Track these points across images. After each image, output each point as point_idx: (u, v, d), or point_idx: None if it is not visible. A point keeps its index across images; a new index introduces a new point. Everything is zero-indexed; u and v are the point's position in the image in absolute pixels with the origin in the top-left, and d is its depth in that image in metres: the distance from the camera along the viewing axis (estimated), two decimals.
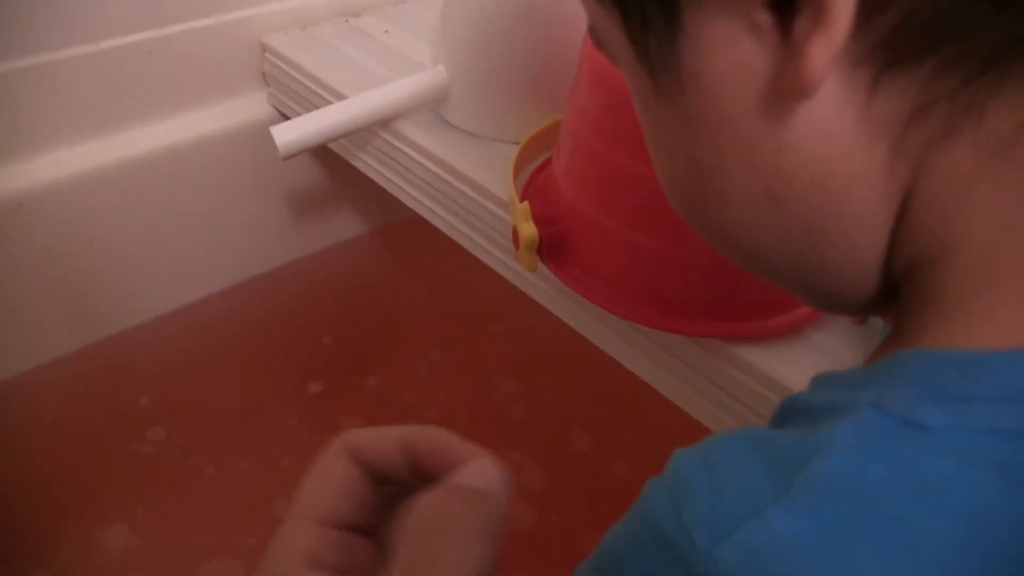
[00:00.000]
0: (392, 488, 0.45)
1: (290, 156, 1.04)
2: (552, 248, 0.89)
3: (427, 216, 1.13)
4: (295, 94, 1.26)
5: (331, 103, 1.14)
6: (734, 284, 0.83)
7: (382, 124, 1.11)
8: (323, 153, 1.33)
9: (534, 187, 1.00)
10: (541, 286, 1.00)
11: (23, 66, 1.09)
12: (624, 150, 0.80)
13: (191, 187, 1.28)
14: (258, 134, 1.08)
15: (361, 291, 1.50)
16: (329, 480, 0.43)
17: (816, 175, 0.42)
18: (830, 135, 0.41)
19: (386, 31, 1.34)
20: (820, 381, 0.44)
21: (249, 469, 1.18)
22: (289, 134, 1.03)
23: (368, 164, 1.19)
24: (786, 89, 0.39)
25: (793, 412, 0.43)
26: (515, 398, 1.31)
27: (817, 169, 0.42)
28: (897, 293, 0.45)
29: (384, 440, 0.44)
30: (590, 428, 1.25)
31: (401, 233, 1.57)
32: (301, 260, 1.49)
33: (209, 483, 1.15)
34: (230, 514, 1.12)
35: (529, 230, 0.87)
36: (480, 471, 0.42)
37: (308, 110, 1.20)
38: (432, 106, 1.12)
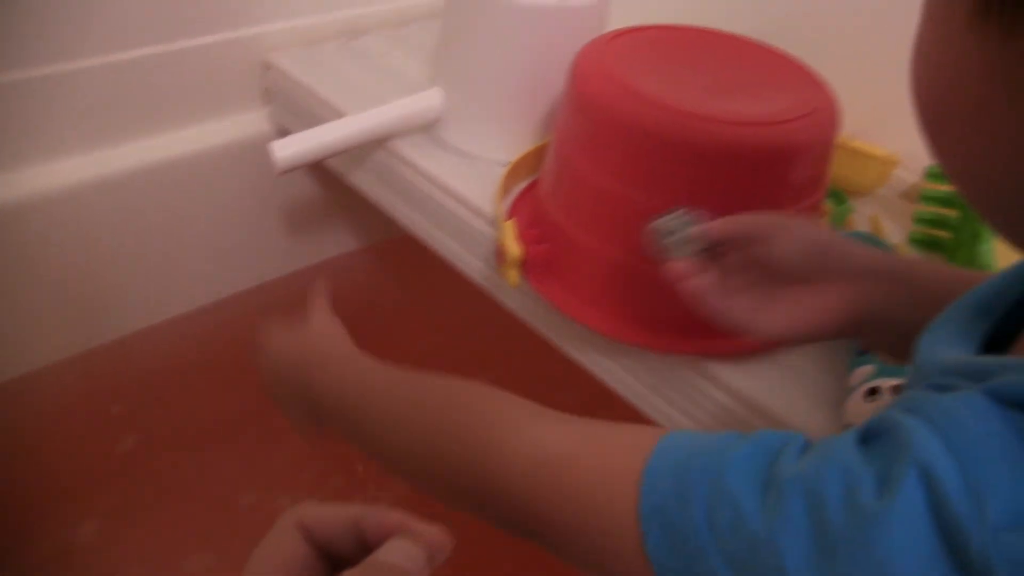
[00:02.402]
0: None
1: (287, 171, 1.08)
2: (536, 265, 0.92)
3: (418, 232, 1.16)
4: (296, 111, 1.30)
5: (331, 120, 1.17)
6: None
7: (378, 142, 1.15)
8: (319, 170, 1.36)
9: (521, 206, 1.03)
10: (526, 302, 1.03)
11: (33, 76, 1.12)
12: (607, 171, 0.84)
13: (190, 200, 1.32)
14: (258, 150, 1.11)
15: (352, 307, 1.51)
16: (278, 555, 0.44)
17: None
18: None
19: (387, 52, 1.38)
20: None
21: (232, 472, 1.20)
22: (287, 149, 1.07)
23: (364, 181, 1.23)
24: None
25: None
26: None
27: None
28: None
29: (335, 520, 0.44)
30: None
31: (392, 251, 1.60)
32: (294, 274, 1.53)
33: (187, 484, 1.18)
34: (206, 511, 1.15)
35: (514, 248, 0.91)
36: (398, 547, 0.43)
37: (309, 127, 1.23)
38: (427, 126, 1.16)
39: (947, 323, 0.48)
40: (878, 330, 0.65)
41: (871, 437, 0.42)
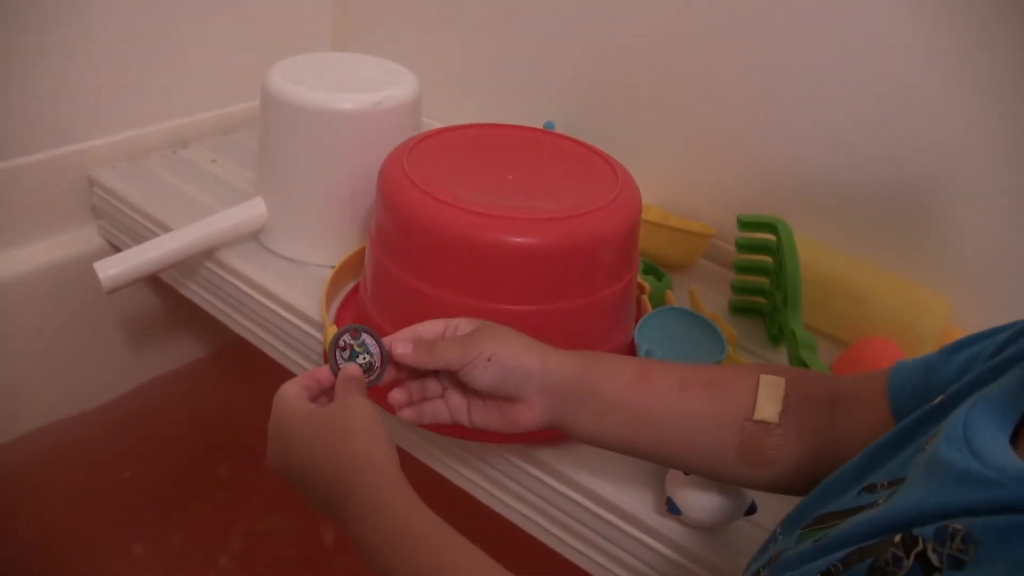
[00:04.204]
0: None
1: (115, 289, 1.07)
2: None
3: (251, 339, 1.16)
4: (124, 226, 1.29)
5: (158, 235, 1.17)
6: None
7: (206, 254, 1.15)
8: (156, 282, 1.35)
9: (347, 309, 1.05)
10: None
11: None
12: (415, 273, 0.86)
13: (20, 322, 1.29)
14: (89, 266, 1.10)
15: (205, 414, 1.51)
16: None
17: None
18: None
19: (213, 160, 1.38)
20: None
21: None
22: (112, 268, 1.06)
23: (195, 292, 1.22)
24: None
25: None
26: None
27: None
28: None
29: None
30: None
31: (238, 355, 1.58)
32: (138, 389, 1.50)
33: None
34: None
35: None
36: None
37: (137, 241, 1.22)
38: (253, 235, 1.17)
39: (989, 402, 0.49)
40: (570, 431, 0.73)
41: None
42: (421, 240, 0.85)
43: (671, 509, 0.83)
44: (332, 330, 0.94)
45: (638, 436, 0.71)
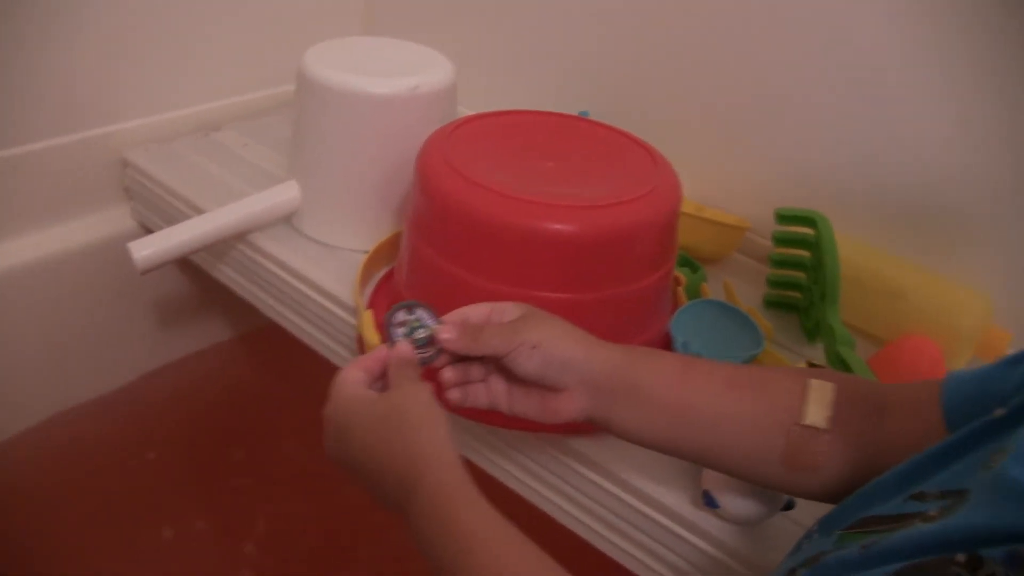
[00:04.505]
0: None
1: (149, 270, 1.07)
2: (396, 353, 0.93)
3: (283, 323, 1.16)
4: (156, 208, 1.29)
5: (190, 216, 1.16)
6: None
7: (238, 236, 1.14)
8: (186, 263, 1.35)
9: (381, 294, 1.04)
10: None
11: None
12: (453, 260, 0.86)
13: (54, 302, 1.29)
14: (122, 247, 1.10)
15: (230, 395, 1.51)
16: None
17: None
18: None
19: (244, 144, 1.38)
20: None
21: None
22: (146, 249, 1.06)
23: (226, 274, 1.22)
24: None
25: None
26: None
27: None
28: None
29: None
30: None
31: (268, 338, 1.58)
32: (165, 369, 1.50)
33: None
34: None
35: (373, 338, 0.91)
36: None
37: (169, 223, 1.21)
38: (286, 218, 1.16)
39: None
40: (609, 425, 0.72)
41: None
42: (460, 226, 0.84)
43: (708, 503, 0.82)
44: (367, 315, 0.94)
45: (679, 435, 0.70)
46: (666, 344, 0.96)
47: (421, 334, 0.71)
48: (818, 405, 0.66)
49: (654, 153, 0.95)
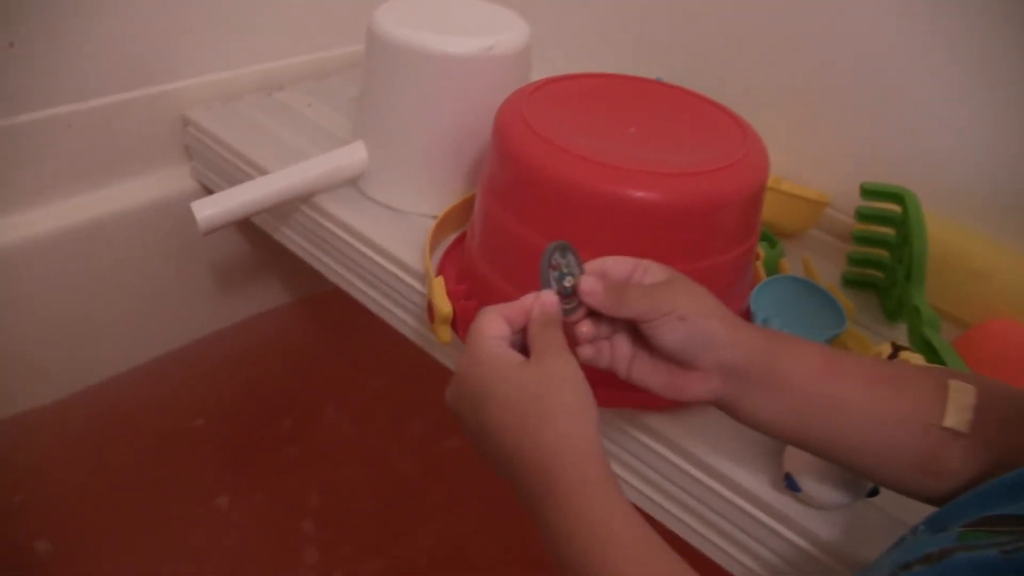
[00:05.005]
0: None
1: (211, 231, 1.05)
2: (466, 322, 0.90)
3: (347, 288, 1.13)
4: (217, 168, 1.27)
5: (253, 177, 1.15)
6: None
7: (302, 199, 1.12)
8: (246, 225, 1.33)
9: (450, 261, 1.01)
10: (458, 356, 1.00)
11: None
12: (530, 225, 0.82)
13: (112, 261, 1.28)
14: (181, 207, 1.08)
15: (287, 360, 1.49)
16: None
17: None
18: None
19: (309, 105, 1.35)
20: None
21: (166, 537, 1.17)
22: (208, 209, 1.04)
23: (289, 237, 1.20)
24: None
25: None
26: (431, 469, 1.32)
27: None
28: None
29: None
30: (494, 498, 1.27)
31: (325, 304, 1.57)
32: (224, 331, 1.49)
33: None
34: None
35: (444, 306, 0.88)
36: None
37: (231, 183, 1.20)
38: (352, 181, 1.13)
39: None
40: (738, 410, 0.67)
41: None
42: (540, 190, 0.81)
43: (789, 485, 0.79)
44: (438, 282, 0.91)
45: (813, 425, 0.65)
46: (745, 320, 0.92)
47: (568, 283, 0.65)
48: (959, 408, 0.62)
49: (740, 121, 0.91)
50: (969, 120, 1.08)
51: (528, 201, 0.83)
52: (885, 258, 1.08)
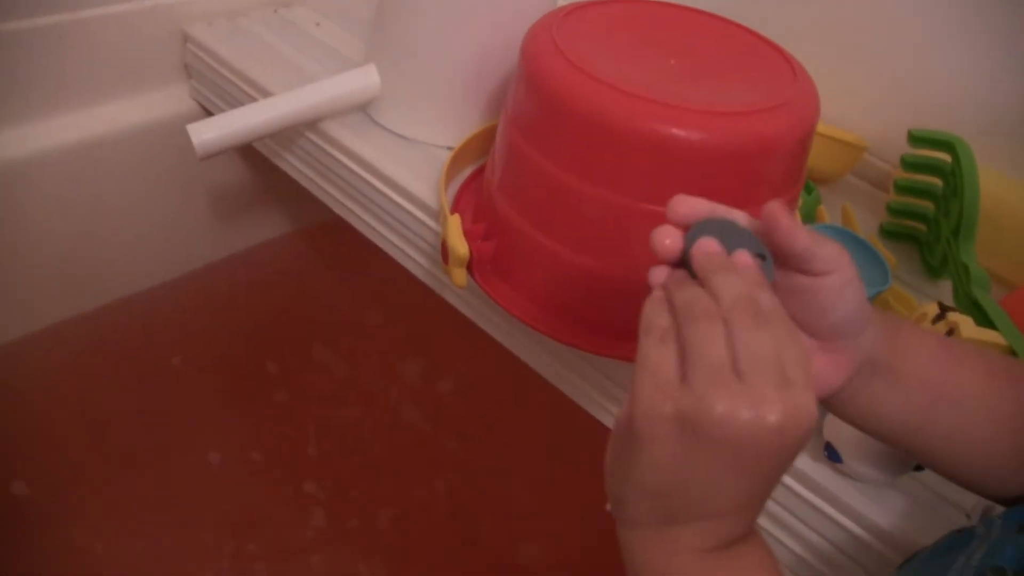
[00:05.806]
0: None
1: (208, 156, 0.98)
2: (483, 264, 0.84)
3: (353, 221, 1.07)
4: (218, 88, 1.20)
5: (256, 99, 1.08)
6: None
7: (308, 124, 1.05)
8: (248, 151, 1.26)
9: (466, 197, 0.95)
10: (470, 299, 0.95)
11: None
12: (558, 162, 0.75)
13: (106, 185, 1.21)
14: (179, 129, 1.01)
15: (284, 293, 1.44)
16: None
17: None
18: None
19: (317, 23, 1.27)
20: None
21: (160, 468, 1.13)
22: (206, 133, 0.97)
23: (292, 165, 1.13)
24: None
25: None
26: (431, 404, 1.29)
27: None
28: None
29: None
30: (495, 434, 1.24)
31: (327, 234, 1.51)
32: (223, 261, 1.43)
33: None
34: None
35: (460, 247, 0.82)
36: None
37: (232, 105, 1.14)
38: (362, 106, 1.06)
39: None
40: (848, 404, 0.57)
41: None
42: (572, 123, 0.74)
43: (831, 456, 0.74)
44: (453, 220, 0.84)
45: (933, 421, 0.56)
46: None
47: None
48: None
49: (789, 57, 0.83)
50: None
51: (557, 136, 0.75)
52: (930, 210, 1.01)
